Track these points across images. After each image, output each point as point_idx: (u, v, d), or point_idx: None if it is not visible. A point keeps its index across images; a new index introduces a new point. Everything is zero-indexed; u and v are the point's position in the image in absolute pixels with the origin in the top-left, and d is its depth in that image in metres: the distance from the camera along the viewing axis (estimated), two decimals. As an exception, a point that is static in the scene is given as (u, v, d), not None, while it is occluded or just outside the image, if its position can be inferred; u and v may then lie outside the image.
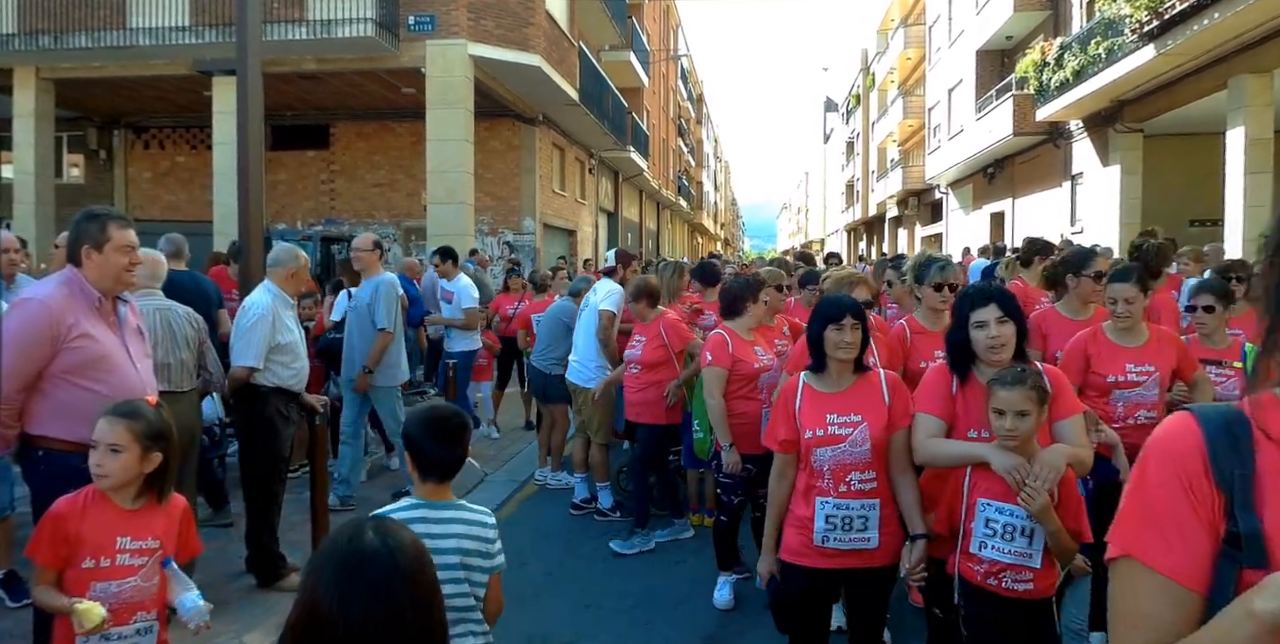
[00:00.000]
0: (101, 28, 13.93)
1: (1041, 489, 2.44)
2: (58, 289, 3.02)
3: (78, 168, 19.51)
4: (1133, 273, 3.59)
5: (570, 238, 21.76)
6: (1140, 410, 3.52)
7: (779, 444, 2.99)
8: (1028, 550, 2.54)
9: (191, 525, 2.72)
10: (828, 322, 2.91)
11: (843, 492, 2.83)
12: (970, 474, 2.65)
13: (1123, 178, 16.11)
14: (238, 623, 4.11)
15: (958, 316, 2.86)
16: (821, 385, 2.98)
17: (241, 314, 4.64)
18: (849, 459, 2.83)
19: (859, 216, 46.76)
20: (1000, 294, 2.82)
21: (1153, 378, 3.50)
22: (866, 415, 2.87)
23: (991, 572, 2.59)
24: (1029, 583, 2.57)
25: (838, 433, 2.85)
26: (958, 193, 27.30)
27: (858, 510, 2.82)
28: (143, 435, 2.47)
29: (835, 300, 3.06)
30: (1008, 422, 2.53)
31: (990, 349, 2.73)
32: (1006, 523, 2.55)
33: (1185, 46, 12.15)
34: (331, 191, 18.58)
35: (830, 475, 2.84)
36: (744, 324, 4.52)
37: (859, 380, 2.98)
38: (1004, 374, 2.61)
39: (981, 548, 2.59)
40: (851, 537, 2.83)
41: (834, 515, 2.83)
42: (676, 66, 40.59)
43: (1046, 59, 16.87)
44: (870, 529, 2.84)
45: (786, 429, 2.96)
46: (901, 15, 35.21)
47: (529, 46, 14.69)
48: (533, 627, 4.30)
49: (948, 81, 26.15)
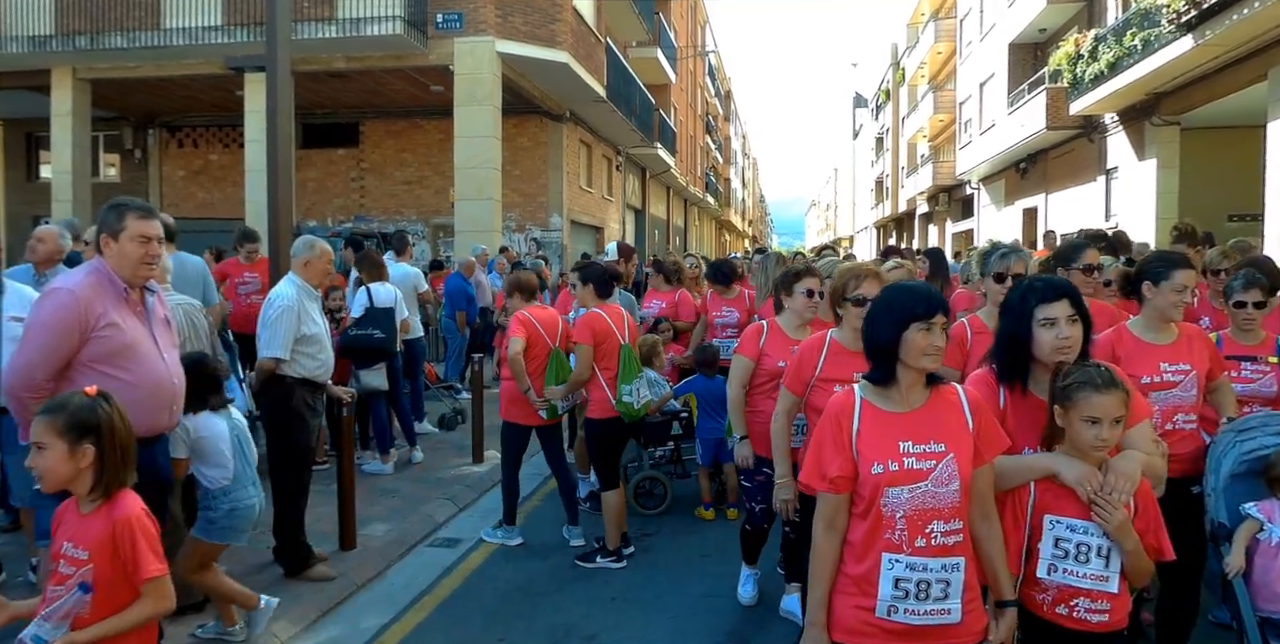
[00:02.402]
0: (136, 28, 14.18)
1: (1118, 502, 2.20)
2: (86, 278, 3.06)
3: (114, 167, 19.87)
4: (1188, 257, 3.39)
5: (597, 235, 21.79)
6: (1179, 414, 3.25)
7: (828, 482, 2.23)
8: (1104, 573, 2.24)
9: (138, 542, 2.28)
10: (911, 319, 2.20)
11: (920, 547, 2.14)
12: (1035, 489, 2.32)
13: (1159, 172, 15.80)
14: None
15: (1017, 311, 2.44)
16: (886, 403, 2.26)
17: (266, 306, 4.69)
18: (932, 503, 2.15)
19: (888, 213, 46.34)
20: (1072, 289, 2.44)
21: (1190, 377, 3.23)
22: (951, 444, 2.19)
23: (1062, 599, 2.27)
24: (1104, 613, 2.26)
25: (917, 467, 2.16)
26: (989, 188, 26.96)
27: (938, 573, 2.14)
28: (66, 429, 2.27)
29: (920, 291, 2.31)
30: (1104, 431, 2.20)
31: (1057, 352, 2.37)
32: (1080, 542, 2.26)
33: (1224, 37, 11.88)
34: (361, 189, 18.76)
35: (905, 524, 2.15)
36: (790, 320, 4.05)
37: (934, 397, 2.28)
38: (1090, 375, 2.25)
39: (1051, 572, 2.27)
40: (928, 608, 2.15)
41: (906, 579, 2.14)
42: (704, 63, 40.48)
43: (1080, 51, 16.59)
44: (952, 598, 2.16)
45: (840, 461, 2.22)
46: (932, 9, 34.80)
47: (556, 43, 14.71)
48: (555, 619, 4.31)
49: (979, 75, 25.81)
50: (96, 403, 2.34)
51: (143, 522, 2.31)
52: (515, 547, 5.31)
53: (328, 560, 4.78)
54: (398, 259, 8.81)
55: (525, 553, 5.24)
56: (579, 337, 4.97)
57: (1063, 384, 2.30)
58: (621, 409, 4.98)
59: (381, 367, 6.77)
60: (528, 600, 4.57)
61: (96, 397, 2.37)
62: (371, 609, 4.45)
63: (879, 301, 2.39)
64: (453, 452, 7.52)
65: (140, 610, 2.29)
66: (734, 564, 4.66)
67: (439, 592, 4.71)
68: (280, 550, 4.66)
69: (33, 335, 2.99)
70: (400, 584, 4.81)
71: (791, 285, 4.00)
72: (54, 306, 2.98)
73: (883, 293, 2.46)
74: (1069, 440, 2.32)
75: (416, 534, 5.51)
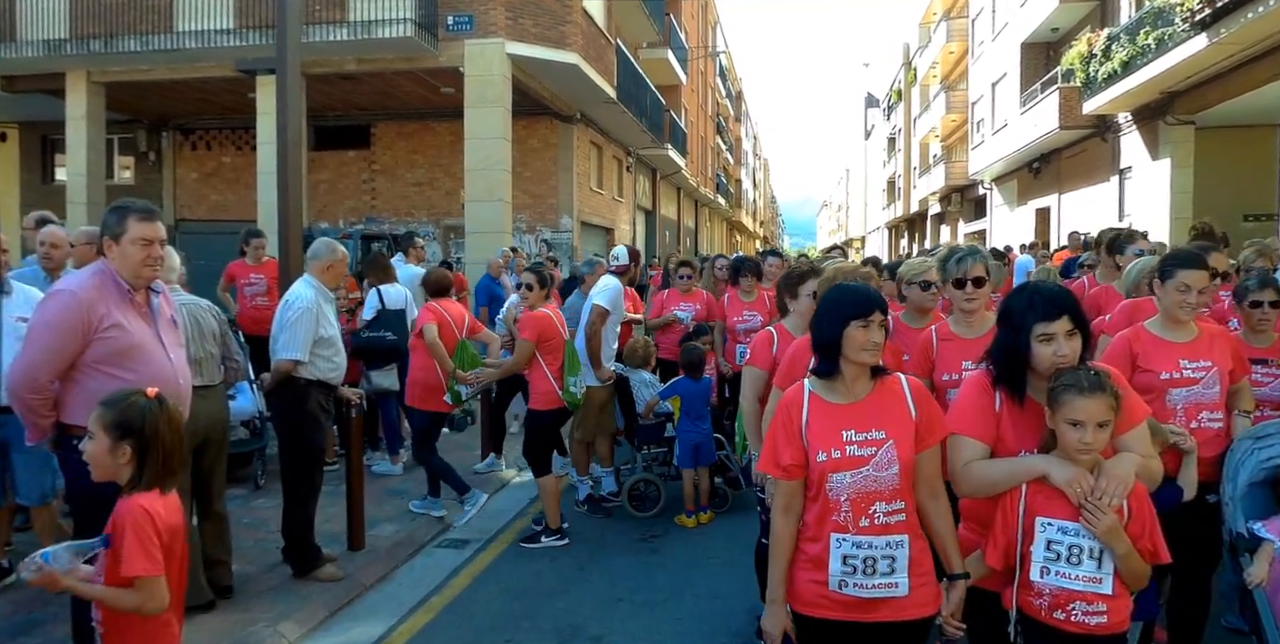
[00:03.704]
0: (150, 31, 14.28)
1: (1107, 506, 2.19)
2: (89, 279, 3.08)
3: (128, 169, 20.01)
4: (1203, 256, 3.30)
5: (608, 236, 21.79)
6: (1202, 412, 3.18)
7: (782, 470, 2.43)
8: (1096, 575, 2.25)
9: (126, 538, 2.27)
10: (851, 317, 2.38)
11: (864, 527, 2.33)
12: (1026, 490, 2.33)
13: (1173, 171, 15.69)
14: (272, 611, 4.17)
15: (1016, 323, 2.43)
16: (832, 395, 2.44)
17: (284, 308, 4.69)
18: (873, 486, 2.34)
19: (900, 213, 46.17)
20: (1073, 304, 2.41)
21: (1211, 374, 3.17)
22: (892, 431, 2.37)
23: (1058, 603, 2.28)
24: (1102, 615, 2.26)
25: (858, 454, 2.35)
26: (1002, 188, 26.84)
27: (882, 550, 2.33)
28: (111, 425, 2.33)
29: (859, 291, 2.50)
30: (1087, 434, 2.23)
31: (1054, 366, 2.37)
32: (1072, 544, 2.26)
33: (1239, 35, 11.79)
34: (372, 190, 18.83)
35: (849, 507, 2.34)
36: (796, 323, 3.95)
37: (878, 388, 2.45)
38: (1077, 378, 2.28)
39: (1044, 574, 2.29)
40: (875, 582, 2.33)
41: (853, 556, 2.33)
42: (715, 64, 40.43)
43: (1093, 50, 16.50)
44: (898, 572, 2.34)
45: (791, 451, 2.41)
46: (943, 9, 34.66)
47: (566, 45, 14.73)
48: (563, 620, 4.31)
49: (991, 75, 25.71)
50: (147, 406, 2.38)
51: (138, 520, 2.28)
52: (527, 546, 5.34)
53: (337, 561, 4.79)
54: (407, 260, 8.84)
55: (532, 554, 5.26)
56: (525, 334, 5.40)
57: (1051, 386, 2.34)
58: (568, 398, 5.46)
59: (393, 367, 6.80)
60: (535, 601, 4.57)
61: (152, 399, 2.40)
62: (380, 610, 4.46)
63: (823, 302, 2.59)
64: (461, 452, 7.53)
65: (128, 599, 2.29)
66: (741, 566, 4.64)
67: (447, 592, 4.72)
68: (289, 551, 4.68)
69: (35, 336, 3.01)
70: (408, 585, 4.82)
71: (796, 288, 3.94)
72: (57, 308, 3.00)
73: (825, 294, 2.65)
74: (1059, 443, 2.33)
75: (425, 535, 5.53)
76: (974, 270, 3.34)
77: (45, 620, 3.99)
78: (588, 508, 6.11)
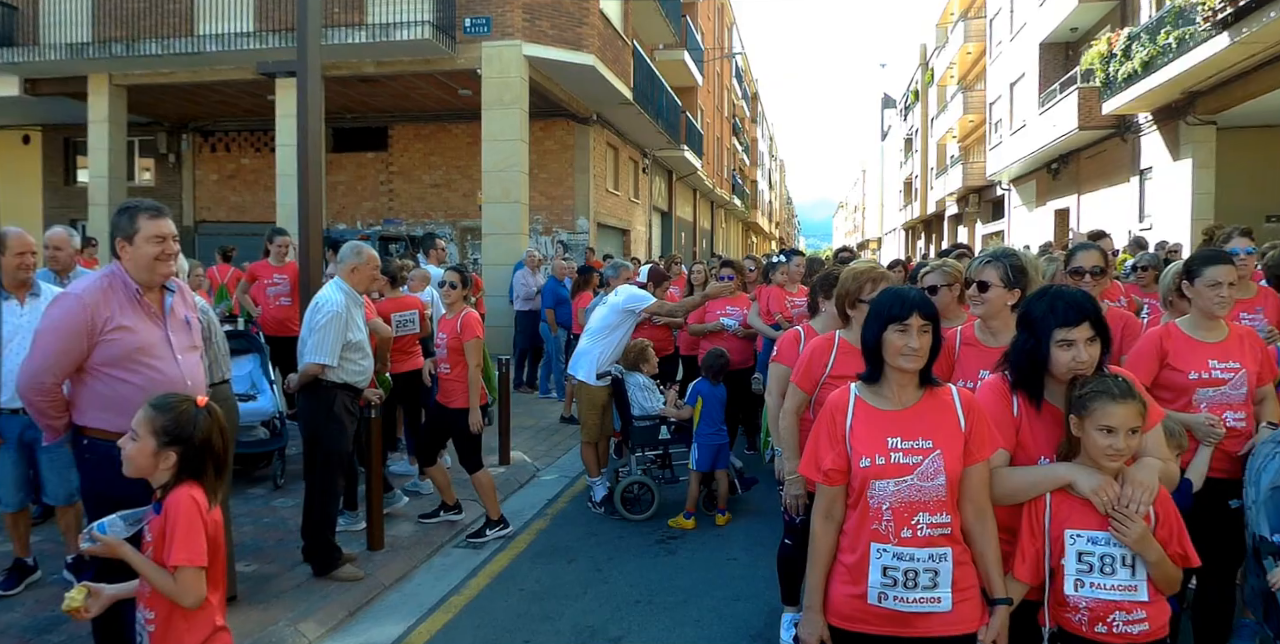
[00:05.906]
0: (171, 35, 14.42)
1: (1136, 514, 2.16)
2: (96, 282, 3.10)
3: (149, 171, 20.21)
4: (1225, 252, 3.32)
5: (624, 237, 21.80)
6: (1227, 411, 3.21)
7: (823, 474, 2.37)
8: (1131, 582, 2.21)
9: (177, 528, 2.30)
10: (889, 320, 2.32)
11: (906, 537, 2.24)
12: (1051, 501, 2.29)
13: (1195, 172, 15.53)
14: (293, 611, 4.19)
15: (1036, 327, 2.39)
16: (879, 401, 2.38)
17: (314, 311, 4.72)
18: (918, 496, 2.25)
19: (917, 214, 45.94)
20: (1095, 310, 2.37)
21: (1239, 375, 3.20)
22: (940, 441, 2.28)
23: (1097, 616, 2.23)
24: (1143, 623, 2.22)
25: (903, 461, 2.26)
26: (1020, 189, 26.65)
27: (925, 562, 2.23)
28: (160, 430, 2.36)
29: (897, 294, 2.40)
30: (1119, 441, 2.19)
31: (1072, 371, 2.35)
32: (1104, 554, 2.22)
33: (1261, 34, 11.66)
34: (390, 192, 18.92)
35: (891, 516, 2.25)
36: (825, 323, 3.99)
37: (927, 397, 2.38)
38: (1107, 384, 2.24)
39: (1078, 587, 2.24)
40: (916, 596, 2.24)
41: (894, 567, 2.24)
42: (731, 65, 40.39)
43: (1113, 50, 16.36)
44: (941, 586, 2.24)
45: (833, 455, 2.35)
46: (961, 9, 34.49)
47: (583, 46, 14.76)
48: (581, 621, 4.31)
49: (1009, 75, 25.53)
50: (198, 416, 2.41)
51: (190, 510, 2.31)
52: (541, 548, 5.35)
53: (356, 560, 4.82)
54: (428, 261, 8.87)
55: (551, 554, 5.27)
56: (479, 331, 5.48)
57: (1079, 393, 2.30)
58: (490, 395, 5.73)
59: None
60: (554, 601, 4.58)
61: (202, 409, 2.43)
62: (399, 610, 4.48)
63: (872, 304, 2.50)
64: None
65: (168, 584, 2.29)
66: (761, 567, 4.64)
67: (466, 592, 4.73)
68: (310, 551, 4.70)
69: (41, 340, 3.04)
70: (428, 585, 4.84)
71: (831, 289, 3.83)
72: (61, 312, 3.03)
73: (874, 298, 2.58)
74: (1084, 450, 2.30)
75: (444, 535, 5.55)
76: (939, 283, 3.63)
77: (68, 618, 4.02)
78: (604, 509, 6.10)
